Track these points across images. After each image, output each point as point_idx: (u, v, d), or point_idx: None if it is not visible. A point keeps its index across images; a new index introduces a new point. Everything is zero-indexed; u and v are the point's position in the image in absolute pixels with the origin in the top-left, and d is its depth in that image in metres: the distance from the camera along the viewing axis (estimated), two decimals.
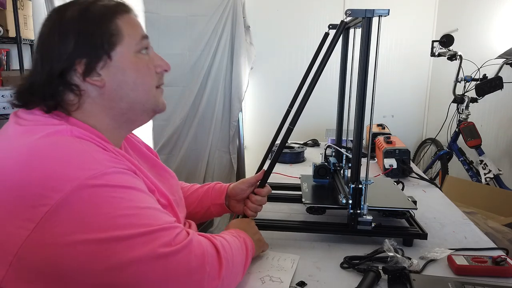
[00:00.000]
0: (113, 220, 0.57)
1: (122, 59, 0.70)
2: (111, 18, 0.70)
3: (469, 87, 2.32)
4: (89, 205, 0.56)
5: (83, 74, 0.67)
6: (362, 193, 0.95)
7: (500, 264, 0.84)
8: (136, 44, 0.72)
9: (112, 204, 0.58)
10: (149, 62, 0.75)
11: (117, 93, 0.71)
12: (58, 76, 0.67)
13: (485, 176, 2.22)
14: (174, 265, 0.60)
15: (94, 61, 0.68)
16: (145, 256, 0.58)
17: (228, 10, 2.78)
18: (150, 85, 0.75)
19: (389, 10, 0.86)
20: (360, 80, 0.91)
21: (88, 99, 0.70)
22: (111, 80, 0.70)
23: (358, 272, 0.85)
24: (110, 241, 0.56)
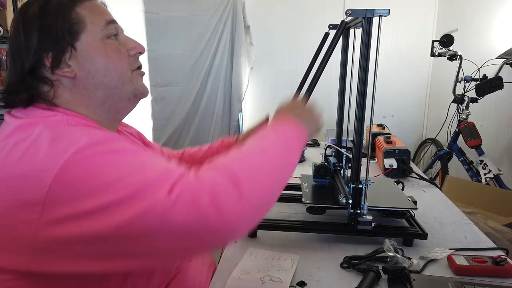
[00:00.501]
0: (108, 185, 0.55)
1: (88, 47, 0.69)
2: (70, 7, 0.69)
3: (469, 87, 2.32)
4: (82, 173, 0.55)
5: (52, 68, 0.67)
6: (362, 193, 0.95)
7: (500, 264, 0.84)
8: (101, 30, 0.70)
9: (104, 169, 0.56)
10: (120, 46, 0.73)
11: (90, 81, 0.70)
12: (29, 72, 0.67)
13: (485, 176, 2.22)
14: (177, 215, 0.54)
15: (60, 53, 0.67)
16: (149, 209, 0.54)
17: (228, 10, 2.78)
18: (124, 69, 0.73)
19: (389, 10, 0.86)
20: (360, 80, 0.91)
21: (65, 90, 0.69)
22: (81, 70, 0.69)
23: (358, 272, 0.85)
24: (110, 204, 0.54)
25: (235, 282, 0.82)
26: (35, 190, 0.55)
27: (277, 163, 0.66)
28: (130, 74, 0.74)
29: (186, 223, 0.53)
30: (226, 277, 0.84)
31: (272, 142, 0.69)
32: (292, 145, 0.71)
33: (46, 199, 0.54)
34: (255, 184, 0.59)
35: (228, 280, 0.82)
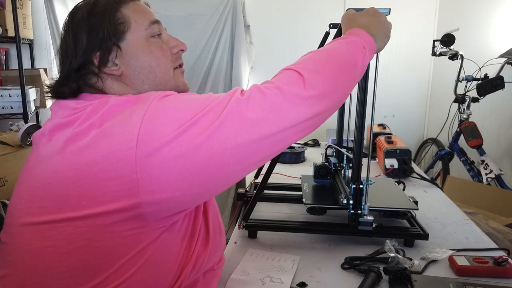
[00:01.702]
0: (189, 108, 0.59)
1: (133, 45, 0.72)
2: (116, 8, 0.72)
3: (470, 86, 2.31)
4: (165, 109, 0.60)
5: (99, 66, 0.70)
6: (363, 193, 0.94)
7: (502, 265, 0.84)
8: (145, 29, 0.73)
9: (183, 102, 0.61)
10: (163, 44, 0.76)
11: (137, 78, 0.73)
12: (77, 69, 0.70)
13: (486, 176, 2.21)
14: (252, 103, 0.60)
15: (107, 52, 0.70)
16: (229, 111, 0.58)
17: (228, 9, 2.78)
18: (167, 66, 0.76)
19: (390, 9, 0.86)
20: (361, 80, 0.91)
21: (114, 82, 0.73)
22: (127, 67, 0.72)
23: (359, 273, 0.85)
24: (196, 119, 0.58)
25: (235, 283, 0.82)
26: (128, 130, 0.57)
27: (339, 55, 0.70)
28: (172, 72, 0.77)
29: (261, 108, 0.59)
30: (226, 278, 0.83)
31: (334, 46, 0.72)
32: (357, 48, 0.72)
33: (139, 134, 0.57)
34: (317, 73, 0.64)
35: (228, 281, 0.82)
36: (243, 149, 0.59)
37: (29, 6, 2.77)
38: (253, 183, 1.36)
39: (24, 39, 2.66)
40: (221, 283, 0.81)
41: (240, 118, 0.58)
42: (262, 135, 0.59)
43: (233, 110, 0.59)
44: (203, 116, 0.58)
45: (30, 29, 2.79)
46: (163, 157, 0.56)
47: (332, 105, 0.67)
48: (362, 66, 0.72)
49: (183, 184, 0.58)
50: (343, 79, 0.68)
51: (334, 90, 0.66)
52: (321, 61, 0.68)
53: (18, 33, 2.45)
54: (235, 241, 1.00)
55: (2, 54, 2.84)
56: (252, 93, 0.62)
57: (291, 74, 0.65)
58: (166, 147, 0.56)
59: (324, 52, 0.70)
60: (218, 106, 0.59)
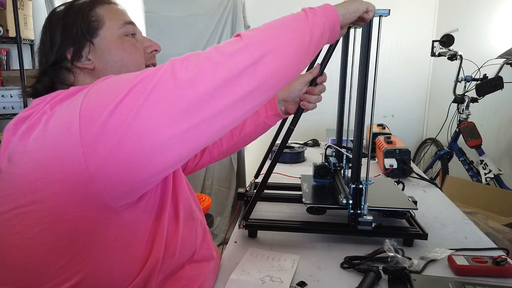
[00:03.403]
0: (123, 86, 0.57)
1: (106, 41, 0.75)
2: (90, 8, 0.76)
3: (470, 87, 2.32)
4: (99, 91, 0.59)
5: (72, 61, 0.74)
6: (362, 193, 0.95)
7: (501, 264, 0.84)
8: (118, 27, 0.77)
9: (116, 82, 0.60)
10: (136, 43, 0.79)
11: (109, 72, 0.75)
12: (52, 65, 0.73)
13: (485, 176, 2.22)
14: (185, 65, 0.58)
15: (80, 48, 0.74)
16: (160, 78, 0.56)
17: (228, 10, 2.78)
18: (140, 61, 0.79)
19: (389, 10, 0.86)
20: (360, 80, 0.91)
21: (86, 76, 0.76)
22: (99, 61, 0.75)
23: (358, 272, 0.85)
24: (129, 90, 0.56)
25: (235, 283, 0.82)
26: (72, 110, 0.58)
27: (289, 25, 0.65)
28: (144, 68, 0.80)
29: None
30: (226, 277, 0.84)
31: (289, 17, 0.67)
32: (313, 14, 0.68)
33: (81, 111, 0.57)
34: (256, 30, 0.61)
35: (228, 280, 0.82)
36: (181, 111, 0.55)
37: (30, 7, 2.77)
38: (253, 183, 1.36)
39: (25, 39, 2.66)
40: (221, 283, 0.82)
41: (173, 79, 0.56)
42: (198, 94, 0.55)
43: (166, 73, 0.57)
44: (139, 82, 0.56)
45: (31, 30, 2.79)
46: (105, 130, 0.55)
47: (275, 59, 0.60)
48: (313, 26, 0.67)
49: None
50: (286, 32, 0.63)
51: (273, 39, 0.61)
52: (268, 30, 0.63)
53: (19, 34, 2.45)
54: (235, 241, 1.01)
55: (3, 55, 2.84)
56: (188, 55, 0.60)
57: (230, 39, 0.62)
58: (106, 120, 0.55)
59: (272, 24, 0.66)
60: (153, 72, 0.58)
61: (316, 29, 0.67)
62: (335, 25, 0.72)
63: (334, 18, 0.71)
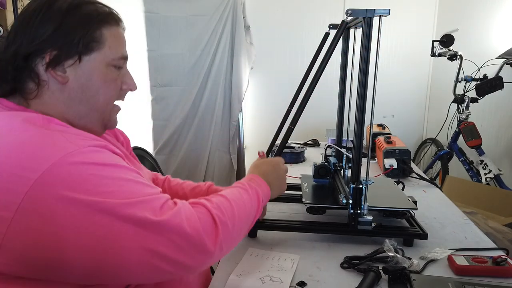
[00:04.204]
0: (95, 194, 0.57)
1: (92, 65, 0.71)
2: (99, 24, 0.71)
3: (469, 87, 2.32)
4: (69, 181, 0.56)
5: (48, 64, 0.67)
6: (362, 193, 0.95)
7: (501, 264, 0.84)
8: (112, 59, 0.73)
9: (92, 181, 0.58)
10: (117, 77, 0.75)
11: (79, 95, 0.71)
12: (23, 58, 0.66)
13: (485, 176, 2.22)
14: (163, 232, 0.59)
15: (64, 56, 0.68)
16: (133, 223, 0.58)
17: (228, 10, 2.78)
18: (111, 99, 0.76)
19: (389, 10, 0.86)
20: (360, 80, 0.91)
21: (48, 91, 0.69)
22: (74, 80, 0.70)
23: (358, 272, 0.85)
24: (95, 208, 0.56)
25: (235, 282, 0.82)
26: (12, 190, 0.54)
27: (247, 218, 0.77)
28: (112, 106, 0.77)
29: (167, 246, 0.60)
30: (226, 277, 0.83)
31: (248, 199, 0.78)
32: (260, 206, 0.82)
33: (24, 201, 0.54)
34: (228, 234, 0.68)
35: (228, 280, 0.82)
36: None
37: None
38: None
39: None
40: (221, 283, 0.82)
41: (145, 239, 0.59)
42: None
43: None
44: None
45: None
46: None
47: (217, 259, 0.70)
48: (254, 221, 0.81)
49: None
50: (238, 241, 0.76)
51: (229, 250, 0.73)
52: (236, 221, 0.71)
53: None
54: None
55: None
56: (170, 223, 0.61)
57: (211, 222, 0.66)
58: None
59: (239, 208, 0.74)
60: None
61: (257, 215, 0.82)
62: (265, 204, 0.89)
63: (266, 202, 0.89)
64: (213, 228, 0.65)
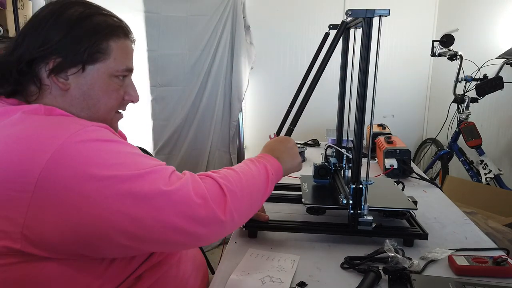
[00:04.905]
0: (105, 167, 0.59)
1: (96, 75, 0.72)
2: (106, 36, 0.71)
3: (470, 87, 2.32)
4: (79, 158, 0.58)
5: (51, 71, 0.69)
6: (362, 193, 0.95)
7: (501, 265, 0.84)
8: (116, 70, 0.74)
9: (101, 156, 0.60)
10: (120, 88, 0.76)
11: (79, 102, 0.72)
12: (28, 62, 0.68)
13: (485, 176, 2.22)
14: (174, 202, 0.61)
15: (68, 64, 0.69)
16: (143, 194, 0.59)
17: (228, 10, 2.78)
18: (113, 108, 0.77)
19: (389, 10, 0.86)
20: (360, 80, 0.91)
21: (50, 95, 0.71)
22: (76, 88, 0.71)
23: (358, 273, 0.85)
24: (110, 179, 0.58)
25: (235, 283, 0.82)
26: (26, 172, 0.56)
27: (256, 191, 0.77)
28: (113, 114, 0.79)
29: (180, 213, 0.61)
30: (226, 277, 0.83)
31: (256, 173, 0.79)
32: (270, 180, 0.81)
33: (39, 181, 0.56)
34: (237, 203, 0.69)
35: (228, 281, 0.82)
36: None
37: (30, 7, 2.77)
38: None
39: None
40: (221, 283, 0.82)
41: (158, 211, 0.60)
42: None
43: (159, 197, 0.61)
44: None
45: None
46: None
47: (231, 229, 0.72)
48: (266, 193, 0.81)
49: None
50: (251, 212, 0.78)
51: (243, 220, 0.76)
52: (244, 191, 0.73)
53: None
54: (235, 241, 1.01)
55: None
56: (184, 186, 0.63)
57: (218, 191, 0.68)
58: None
59: (247, 178, 0.75)
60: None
61: (269, 190, 0.82)
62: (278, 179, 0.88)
63: (280, 177, 0.88)
64: (222, 196, 0.67)
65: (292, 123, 0.94)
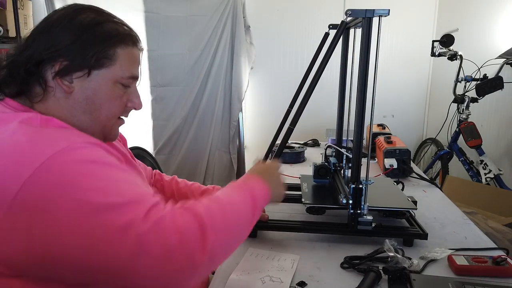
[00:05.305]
0: (85, 191, 0.57)
1: (100, 81, 0.72)
2: (114, 43, 0.72)
3: (470, 87, 2.32)
4: (59, 179, 0.57)
5: (57, 73, 0.69)
6: (362, 193, 0.95)
7: (501, 264, 0.84)
8: (121, 77, 0.74)
9: (82, 179, 0.58)
10: (124, 95, 0.76)
11: (83, 106, 0.72)
12: (36, 63, 0.68)
13: (485, 176, 2.22)
14: (147, 241, 0.56)
15: (74, 68, 0.70)
16: (115, 228, 0.56)
17: (228, 10, 2.78)
18: (114, 114, 0.77)
19: (389, 10, 0.86)
20: (360, 80, 0.91)
21: (53, 97, 0.71)
22: (80, 92, 0.71)
23: (358, 272, 0.85)
24: (82, 206, 0.56)
25: (235, 283, 0.82)
26: (4, 188, 0.55)
27: (242, 221, 0.72)
28: (114, 120, 0.78)
29: (153, 253, 0.56)
30: (226, 277, 0.83)
31: (242, 200, 0.74)
32: (257, 208, 0.75)
33: (15, 199, 0.55)
34: (219, 240, 0.64)
35: (228, 280, 0.82)
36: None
37: (30, 7, 2.77)
38: None
39: None
40: (221, 283, 0.82)
41: (132, 245, 0.56)
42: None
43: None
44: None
45: (31, 30, 2.79)
46: None
47: (209, 269, 0.67)
48: (254, 224, 0.75)
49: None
50: (234, 248, 0.71)
51: (222, 258, 0.69)
52: (228, 224, 0.67)
53: (19, 34, 2.45)
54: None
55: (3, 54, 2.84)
56: (155, 228, 0.57)
57: (196, 228, 0.61)
58: None
59: (232, 212, 0.70)
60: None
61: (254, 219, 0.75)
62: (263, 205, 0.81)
63: (265, 204, 0.82)
64: (201, 236, 0.61)
65: (292, 123, 0.94)
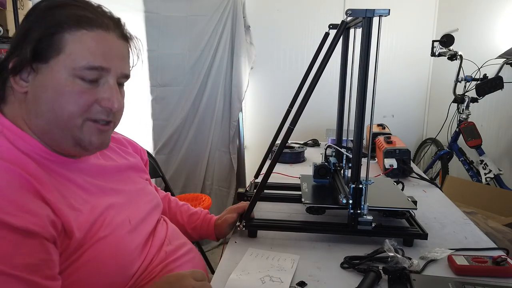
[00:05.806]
0: None
1: (50, 75, 0.62)
2: (62, 29, 0.62)
3: (470, 87, 2.32)
4: None
5: (10, 71, 0.63)
6: (362, 193, 0.95)
7: (501, 264, 0.84)
8: (74, 68, 0.63)
9: None
10: (88, 91, 0.65)
11: (35, 108, 0.64)
12: (1, 63, 0.65)
13: (485, 176, 2.22)
14: None
15: (20, 65, 0.62)
16: None
17: (228, 10, 2.78)
18: (73, 114, 0.64)
19: (389, 10, 0.86)
20: (360, 80, 0.91)
21: (14, 99, 0.66)
22: (32, 92, 0.64)
23: (358, 272, 0.85)
24: None
25: (235, 282, 0.82)
26: None
27: None
28: (80, 122, 0.66)
29: None
30: (226, 277, 0.83)
31: None
32: None
33: None
34: None
35: (228, 280, 0.82)
36: None
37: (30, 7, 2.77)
38: (253, 183, 1.36)
39: None
40: (221, 283, 0.82)
41: None
42: None
43: None
44: None
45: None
46: None
47: None
48: None
49: None
50: None
51: None
52: None
53: None
54: (235, 241, 1.01)
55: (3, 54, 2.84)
56: None
57: None
58: None
59: None
60: None
61: None
62: None
63: None
64: None
65: (292, 123, 0.94)
